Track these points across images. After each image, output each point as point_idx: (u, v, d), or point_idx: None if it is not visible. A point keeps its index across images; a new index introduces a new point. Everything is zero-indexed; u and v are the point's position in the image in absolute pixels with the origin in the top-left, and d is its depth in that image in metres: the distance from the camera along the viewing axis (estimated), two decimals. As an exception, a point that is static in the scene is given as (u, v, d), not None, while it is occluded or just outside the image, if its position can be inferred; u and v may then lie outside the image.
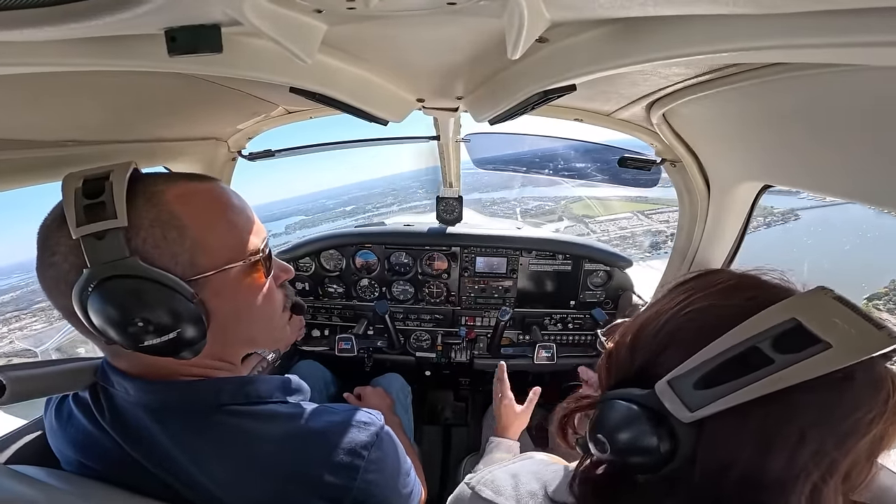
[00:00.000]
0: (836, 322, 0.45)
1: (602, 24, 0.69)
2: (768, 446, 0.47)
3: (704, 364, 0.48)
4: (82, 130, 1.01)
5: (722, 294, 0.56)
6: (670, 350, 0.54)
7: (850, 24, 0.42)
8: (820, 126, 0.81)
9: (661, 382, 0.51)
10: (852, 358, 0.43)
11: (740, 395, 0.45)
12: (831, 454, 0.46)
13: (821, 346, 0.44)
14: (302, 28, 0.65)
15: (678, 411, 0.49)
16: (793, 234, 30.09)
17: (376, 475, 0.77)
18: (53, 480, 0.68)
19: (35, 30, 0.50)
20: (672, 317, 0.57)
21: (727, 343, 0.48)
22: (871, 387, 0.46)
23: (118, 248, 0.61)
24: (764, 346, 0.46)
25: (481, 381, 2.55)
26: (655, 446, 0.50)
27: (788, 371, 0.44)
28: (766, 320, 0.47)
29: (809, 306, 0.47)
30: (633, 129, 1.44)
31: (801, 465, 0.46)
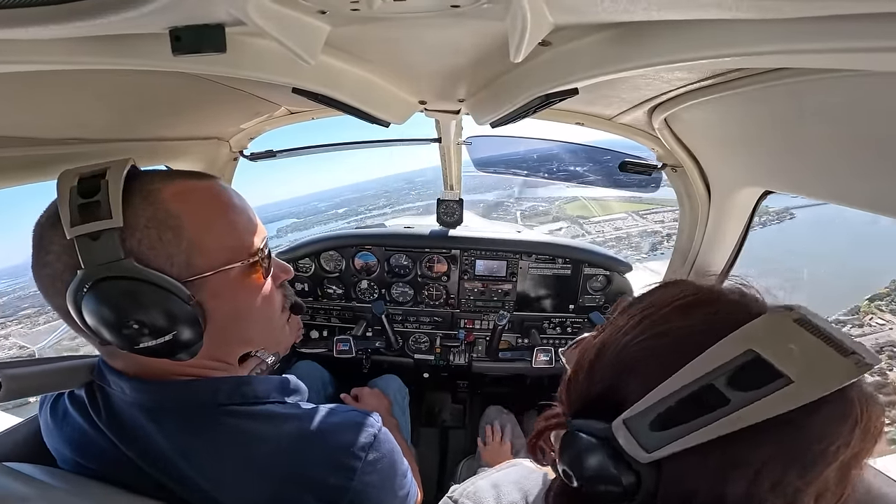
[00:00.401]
0: (796, 351, 0.42)
1: (605, 28, 0.69)
2: (725, 481, 0.45)
3: (660, 403, 0.46)
4: (85, 128, 1.01)
5: (678, 313, 0.53)
6: (628, 378, 0.52)
7: (853, 29, 0.42)
8: (822, 132, 0.81)
9: (618, 421, 0.49)
10: (815, 393, 0.41)
11: (696, 437, 0.44)
12: (794, 484, 0.44)
13: (781, 381, 0.41)
14: (305, 29, 0.65)
15: (635, 452, 0.47)
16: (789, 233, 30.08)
17: (373, 476, 0.77)
18: (48, 478, 0.68)
19: (40, 28, 0.50)
20: (630, 341, 0.54)
21: (682, 381, 0.45)
22: (838, 416, 0.44)
23: (113, 249, 0.60)
24: (719, 383, 0.44)
25: (480, 384, 2.55)
26: (618, 480, 0.49)
27: (745, 411, 0.42)
28: (722, 353, 0.45)
29: (769, 334, 0.44)
30: (634, 133, 1.45)
31: (759, 496, 0.44)
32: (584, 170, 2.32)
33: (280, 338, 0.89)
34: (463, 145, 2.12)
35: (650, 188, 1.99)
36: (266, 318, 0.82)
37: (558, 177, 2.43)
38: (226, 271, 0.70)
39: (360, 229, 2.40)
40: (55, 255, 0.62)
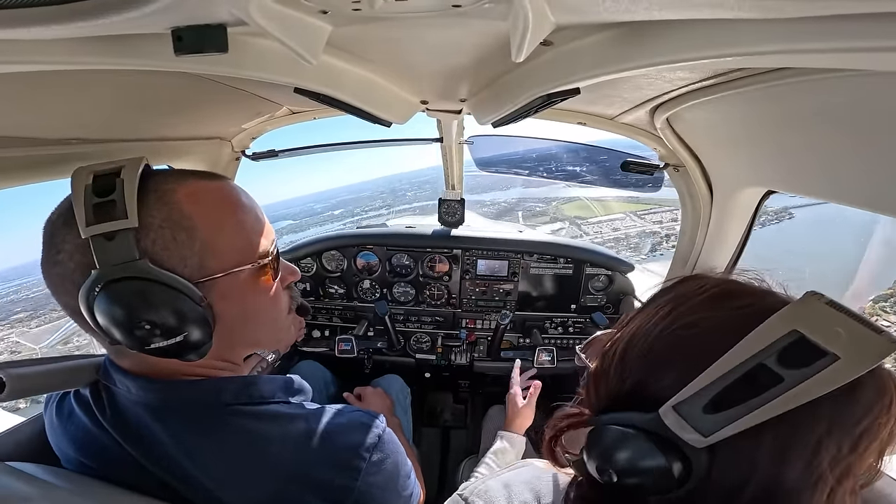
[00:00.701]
0: (839, 331, 0.44)
1: (606, 28, 0.69)
2: (784, 459, 0.46)
3: (711, 386, 0.47)
4: (87, 129, 1.01)
5: (708, 305, 0.54)
6: (665, 369, 0.53)
7: (856, 28, 0.41)
8: (824, 132, 0.80)
9: (666, 408, 0.49)
10: (862, 368, 0.42)
11: (755, 417, 0.44)
12: (847, 459, 0.46)
13: (829, 358, 0.43)
14: (307, 29, 0.65)
15: (690, 437, 0.47)
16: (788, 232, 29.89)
17: (378, 477, 0.77)
18: (52, 478, 0.68)
19: (42, 28, 0.50)
20: (661, 333, 0.55)
21: (731, 362, 0.46)
22: (878, 392, 0.46)
23: (128, 249, 0.60)
24: (770, 362, 0.45)
25: (481, 384, 2.55)
26: (668, 471, 0.49)
27: (801, 388, 0.43)
28: (767, 335, 0.46)
29: (807, 316, 0.46)
30: (636, 133, 1.44)
31: (818, 473, 0.46)
32: (585, 169, 2.32)
33: (284, 338, 0.89)
34: (464, 145, 2.12)
35: (651, 188, 1.98)
36: (272, 320, 0.82)
37: (559, 176, 2.43)
38: (236, 273, 0.71)
39: (362, 229, 2.40)
40: (67, 254, 0.62)
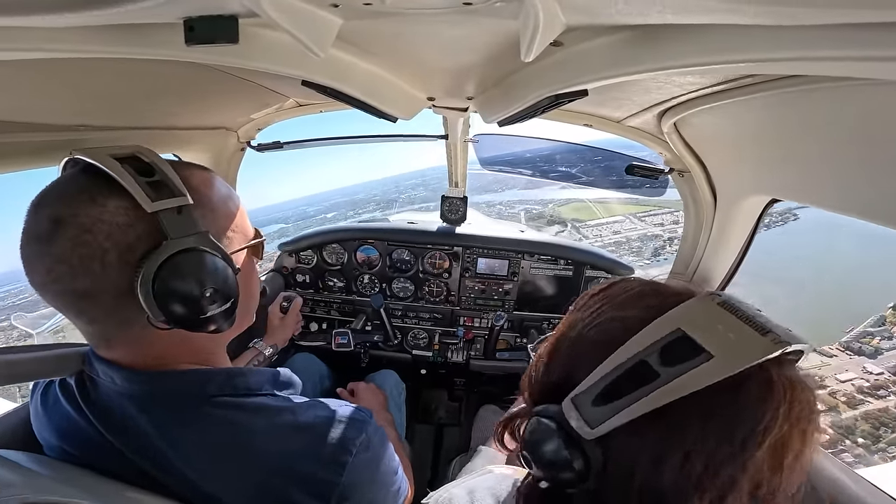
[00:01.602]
0: (719, 329, 0.46)
1: (618, 30, 0.69)
2: (662, 458, 0.47)
3: (602, 379, 0.49)
4: (94, 115, 1.01)
5: (623, 305, 0.57)
6: (579, 364, 0.55)
7: (870, 37, 0.41)
8: (834, 141, 0.80)
9: (567, 399, 0.52)
10: (734, 367, 0.43)
11: (633, 410, 0.46)
12: (726, 469, 0.45)
13: (703, 356, 0.44)
14: (317, 22, 0.65)
15: (581, 428, 0.49)
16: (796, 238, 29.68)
17: (364, 472, 0.77)
18: (34, 465, 0.68)
19: (56, 16, 0.50)
20: (581, 330, 0.58)
21: (621, 357, 0.49)
22: (761, 396, 0.45)
23: (192, 223, 0.67)
24: (651, 359, 0.47)
25: (476, 383, 2.56)
26: (570, 462, 0.51)
27: (673, 384, 0.45)
28: (654, 332, 0.48)
29: (695, 315, 0.48)
30: (642, 136, 1.44)
31: (693, 479, 0.46)
32: (588, 171, 2.32)
33: (253, 318, 0.92)
34: (469, 143, 2.11)
35: (655, 191, 1.98)
36: (255, 297, 0.90)
37: (562, 177, 2.43)
38: (240, 251, 0.79)
39: (364, 223, 2.40)
40: (103, 233, 0.61)
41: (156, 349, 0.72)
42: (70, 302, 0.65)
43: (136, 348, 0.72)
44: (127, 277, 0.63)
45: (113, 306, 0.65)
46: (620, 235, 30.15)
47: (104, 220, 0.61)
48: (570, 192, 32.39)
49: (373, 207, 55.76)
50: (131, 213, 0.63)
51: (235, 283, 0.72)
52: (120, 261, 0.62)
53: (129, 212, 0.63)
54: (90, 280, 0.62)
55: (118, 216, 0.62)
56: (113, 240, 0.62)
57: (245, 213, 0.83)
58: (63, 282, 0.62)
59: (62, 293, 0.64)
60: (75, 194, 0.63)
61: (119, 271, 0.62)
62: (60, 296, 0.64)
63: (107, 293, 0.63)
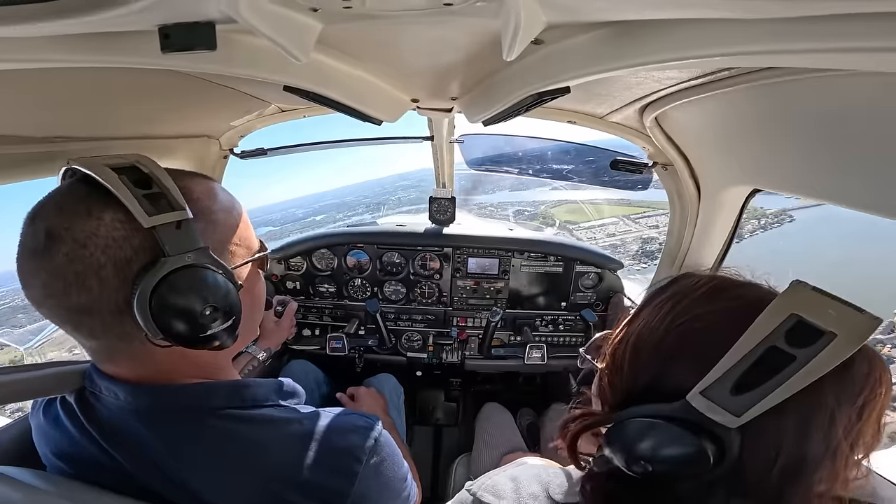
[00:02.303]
0: (831, 312, 0.48)
1: (597, 27, 0.70)
2: (807, 432, 0.50)
3: (732, 371, 0.50)
4: (73, 126, 1.00)
5: (705, 299, 0.58)
6: (678, 361, 0.56)
7: (840, 29, 0.42)
8: (809, 131, 0.82)
9: (694, 394, 0.52)
10: (857, 343, 0.46)
11: (779, 394, 0.48)
12: (856, 426, 0.50)
13: (828, 336, 0.47)
14: (297, 26, 0.64)
15: (722, 418, 0.50)
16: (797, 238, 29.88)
17: (375, 480, 0.77)
18: (36, 481, 0.66)
19: (29, 25, 0.49)
20: (668, 328, 0.58)
21: (745, 347, 0.50)
22: (869, 366, 0.50)
23: (192, 238, 0.64)
24: (780, 344, 0.49)
25: (472, 382, 2.56)
26: (704, 454, 0.51)
27: (811, 364, 0.47)
28: (770, 320, 0.50)
29: (800, 301, 0.50)
30: (625, 132, 1.46)
31: (835, 442, 0.50)
32: (575, 168, 2.34)
33: (258, 329, 0.91)
34: (455, 143, 2.12)
35: (639, 188, 2.01)
36: (260, 310, 0.86)
37: (550, 175, 2.45)
38: (244, 265, 0.76)
39: (352, 227, 2.39)
40: (98, 248, 0.59)
41: (158, 364, 0.70)
42: (67, 317, 0.63)
43: (138, 363, 0.70)
44: (124, 294, 0.61)
45: (111, 322, 0.63)
46: (616, 238, 29.95)
47: (99, 235, 0.59)
48: (561, 193, 32.15)
49: (362, 209, 55.30)
50: (128, 227, 0.60)
51: (237, 298, 0.69)
52: (117, 276, 0.60)
53: (125, 225, 0.60)
54: (87, 296, 0.60)
55: (114, 230, 0.60)
56: (109, 254, 0.60)
57: (249, 224, 0.80)
58: (59, 297, 0.60)
59: (59, 308, 0.62)
60: (71, 206, 0.60)
61: (116, 287, 0.60)
62: (57, 311, 0.62)
63: (104, 309, 0.61)
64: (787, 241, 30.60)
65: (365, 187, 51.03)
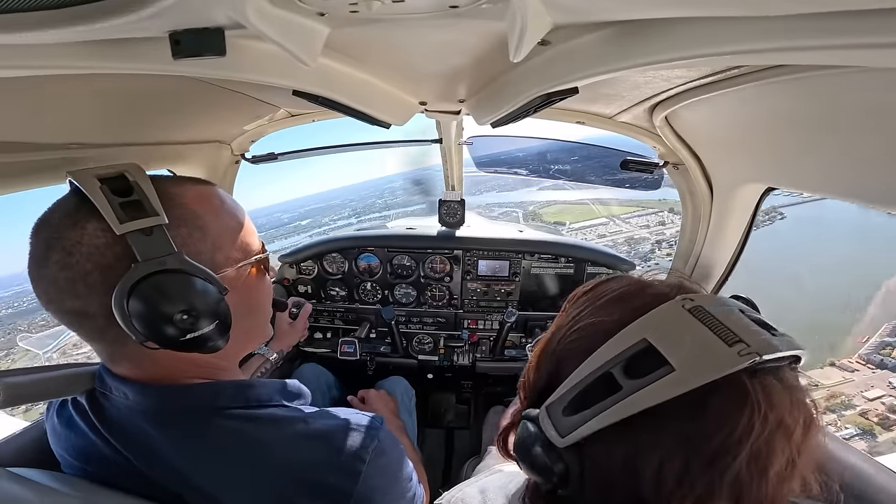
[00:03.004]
0: (685, 339, 0.44)
1: (604, 27, 0.69)
2: (636, 471, 0.46)
3: (571, 390, 0.49)
4: (87, 133, 1.02)
5: (605, 307, 0.56)
6: (561, 369, 0.55)
7: (852, 25, 0.41)
8: (822, 128, 0.80)
9: (542, 408, 0.52)
10: (695, 381, 0.42)
11: (597, 421, 0.46)
12: (702, 478, 0.43)
13: (665, 369, 0.43)
14: (305, 31, 0.65)
15: (553, 437, 0.50)
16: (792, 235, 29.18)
17: (378, 479, 0.77)
18: (53, 483, 0.68)
19: (40, 32, 0.50)
20: (564, 334, 0.57)
21: (589, 368, 0.48)
22: (733, 406, 0.43)
23: (165, 244, 0.64)
24: (616, 370, 0.46)
25: (484, 384, 2.55)
26: (549, 467, 0.51)
27: (634, 397, 0.44)
28: (623, 341, 0.47)
29: (663, 323, 0.47)
30: (635, 131, 1.44)
31: (668, 490, 0.44)
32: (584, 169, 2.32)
33: (268, 331, 0.92)
34: (464, 145, 2.12)
35: (650, 187, 1.98)
36: (266, 312, 0.87)
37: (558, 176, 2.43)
38: (240, 268, 0.76)
39: (363, 231, 2.40)
40: (83, 255, 0.62)
41: (158, 365, 0.72)
42: (69, 321, 0.66)
43: (139, 364, 0.72)
44: (109, 299, 0.63)
45: (105, 326, 0.65)
46: (607, 239, 29.15)
47: (83, 243, 0.62)
48: (550, 193, 31.45)
49: (348, 213, 54.98)
50: (108, 235, 0.62)
51: (219, 302, 0.69)
52: (103, 283, 0.62)
53: (106, 234, 0.62)
54: (80, 301, 0.63)
55: (96, 238, 0.62)
56: (94, 261, 0.62)
57: (249, 227, 0.81)
58: (56, 303, 0.64)
59: (60, 312, 0.65)
60: (62, 217, 0.64)
61: (103, 293, 0.62)
62: (59, 315, 0.66)
63: (97, 313, 0.64)
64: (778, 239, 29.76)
65: (351, 190, 50.37)
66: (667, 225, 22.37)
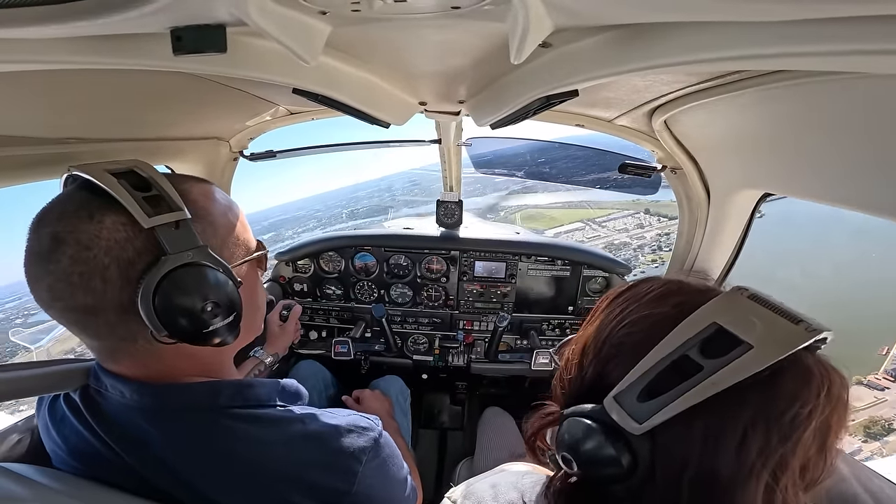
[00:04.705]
0: (755, 321, 0.47)
1: (605, 30, 0.69)
2: (715, 447, 0.48)
3: (644, 376, 0.50)
4: (85, 128, 1.01)
5: (652, 303, 0.58)
6: (613, 363, 0.56)
7: (851, 32, 0.42)
8: (821, 134, 0.81)
9: (609, 397, 0.52)
10: (774, 356, 0.45)
11: (680, 403, 0.47)
12: (778, 450, 0.47)
13: (743, 347, 0.46)
14: (306, 29, 0.65)
15: (628, 424, 0.50)
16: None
17: (374, 480, 0.77)
18: (44, 479, 0.67)
19: (41, 27, 0.50)
20: (612, 330, 0.59)
21: (660, 353, 0.50)
22: (801, 380, 0.47)
23: (191, 237, 0.66)
24: (692, 353, 0.48)
25: (478, 386, 2.55)
26: (617, 459, 0.51)
27: (718, 375, 0.46)
28: (691, 327, 0.50)
29: (727, 309, 0.50)
30: (634, 135, 1.45)
31: (749, 462, 0.47)
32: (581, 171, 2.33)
33: (260, 327, 0.92)
34: (463, 146, 2.12)
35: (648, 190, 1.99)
36: (261, 308, 0.89)
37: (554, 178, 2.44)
38: (242, 264, 0.78)
39: (360, 230, 2.40)
40: (102, 249, 0.61)
41: (162, 363, 0.72)
42: (74, 318, 0.65)
43: (143, 362, 0.71)
44: (128, 293, 0.62)
45: (116, 322, 0.65)
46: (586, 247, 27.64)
47: (102, 237, 0.61)
48: (522, 198, 30.38)
49: (313, 225, 53.99)
50: (129, 229, 0.62)
51: (238, 296, 0.71)
52: (121, 277, 0.62)
53: (126, 227, 0.62)
54: (92, 296, 0.62)
55: (116, 232, 0.62)
56: (112, 255, 0.61)
57: (247, 225, 0.82)
58: (65, 299, 0.62)
59: (66, 310, 0.64)
60: (73, 211, 0.62)
61: (121, 287, 0.62)
62: (64, 312, 0.64)
63: (109, 309, 0.63)
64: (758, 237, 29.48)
65: (318, 200, 48.45)
66: (645, 228, 21.81)
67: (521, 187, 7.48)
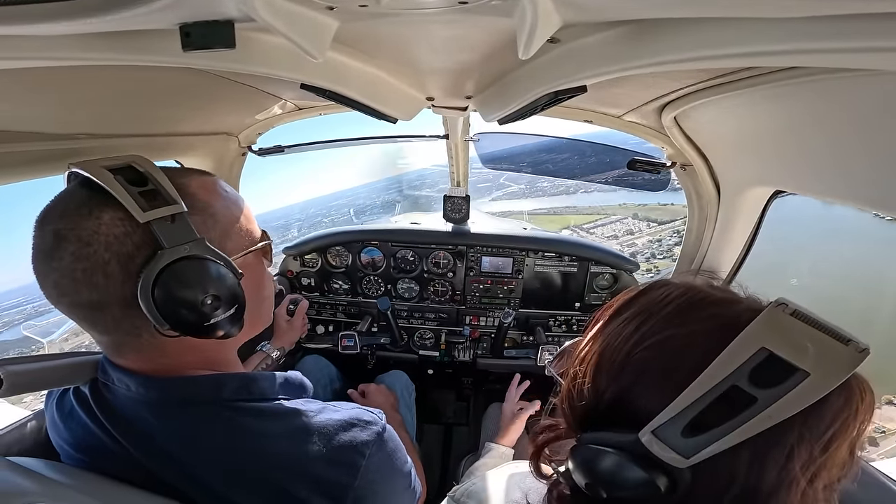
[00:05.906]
0: (807, 345, 0.44)
1: (614, 26, 0.69)
2: (761, 468, 0.47)
3: (688, 410, 0.47)
4: (95, 124, 1.02)
5: (673, 319, 0.54)
6: (639, 387, 0.53)
7: (867, 28, 0.41)
8: (834, 132, 0.79)
9: (646, 432, 0.49)
10: (833, 382, 0.43)
11: (733, 438, 0.45)
12: (818, 460, 0.47)
13: (799, 375, 0.43)
14: (314, 25, 0.65)
15: (671, 458, 0.48)
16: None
17: (378, 474, 0.77)
18: (52, 473, 0.68)
19: (51, 24, 0.50)
20: (633, 348, 0.55)
21: (705, 385, 0.47)
22: (846, 400, 0.47)
23: (188, 231, 0.66)
24: (742, 383, 0.45)
25: (484, 381, 2.56)
26: (652, 483, 0.49)
27: (774, 407, 0.43)
28: (737, 354, 0.46)
29: (774, 330, 0.46)
30: (643, 131, 1.44)
31: (791, 476, 0.46)
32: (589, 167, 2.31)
33: (269, 319, 0.93)
34: (470, 142, 2.11)
35: (657, 187, 1.98)
36: (269, 300, 0.90)
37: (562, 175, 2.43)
38: (245, 255, 0.78)
39: (367, 225, 2.41)
40: (101, 245, 0.62)
41: (167, 356, 0.73)
42: (81, 314, 0.66)
43: (148, 356, 0.72)
44: (130, 287, 0.63)
45: (121, 316, 0.65)
46: None
47: (101, 233, 0.62)
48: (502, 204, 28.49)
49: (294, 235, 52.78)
50: (127, 224, 0.63)
51: (239, 287, 0.71)
52: (122, 271, 0.63)
53: (124, 222, 0.63)
54: (96, 292, 0.63)
55: (114, 227, 0.62)
56: (112, 250, 0.62)
57: (251, 216, 0.82)
58: (70, 295, 0.63)
59: (71, 306, 0.65)
60: (73, 208, 0.63)
61: (122, 281, 0.63)
62: (70, 308, 0.65)
63: (114, 303, 0.64)
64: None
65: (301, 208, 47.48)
66: (636, 234, 20.86)
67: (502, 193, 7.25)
